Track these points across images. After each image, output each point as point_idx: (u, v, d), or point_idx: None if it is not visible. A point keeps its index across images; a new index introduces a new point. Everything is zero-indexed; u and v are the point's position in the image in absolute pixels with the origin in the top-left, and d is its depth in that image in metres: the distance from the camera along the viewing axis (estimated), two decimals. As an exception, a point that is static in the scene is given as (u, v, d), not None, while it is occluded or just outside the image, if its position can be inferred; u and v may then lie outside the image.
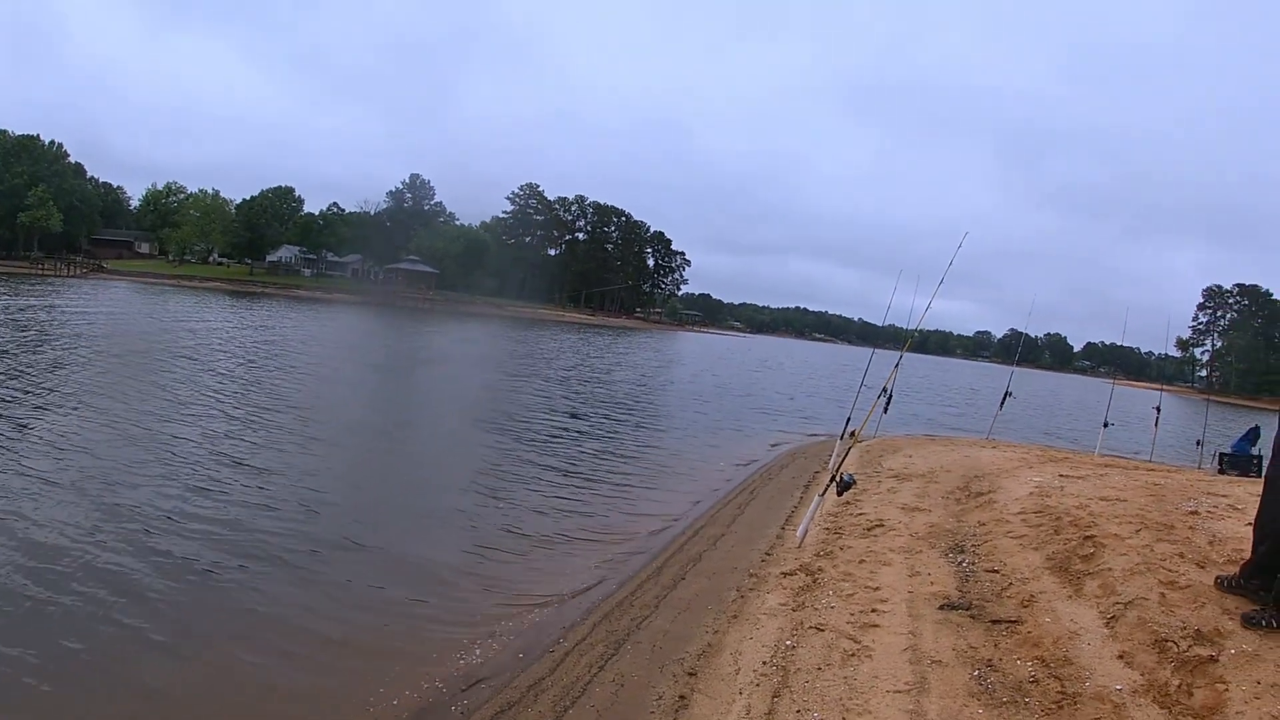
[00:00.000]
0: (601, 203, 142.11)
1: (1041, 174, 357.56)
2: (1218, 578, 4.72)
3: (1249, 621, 4.15)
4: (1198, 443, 17.57)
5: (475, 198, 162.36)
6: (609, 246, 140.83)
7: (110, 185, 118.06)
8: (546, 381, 27.73)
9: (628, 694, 4.88)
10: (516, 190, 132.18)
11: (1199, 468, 15.17)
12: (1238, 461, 13.99)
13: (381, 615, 6.61)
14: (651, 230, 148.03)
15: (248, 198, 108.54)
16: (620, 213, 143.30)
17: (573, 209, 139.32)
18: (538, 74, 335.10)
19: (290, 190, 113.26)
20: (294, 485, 10.11)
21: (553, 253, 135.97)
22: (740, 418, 23.36)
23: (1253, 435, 14.97)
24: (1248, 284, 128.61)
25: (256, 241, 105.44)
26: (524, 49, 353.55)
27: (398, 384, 22.98)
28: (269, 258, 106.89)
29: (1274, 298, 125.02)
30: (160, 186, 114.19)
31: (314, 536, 8.33)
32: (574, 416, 19.28)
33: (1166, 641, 4.14)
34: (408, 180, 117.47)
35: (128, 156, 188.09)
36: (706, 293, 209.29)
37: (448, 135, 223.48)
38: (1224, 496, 7.70)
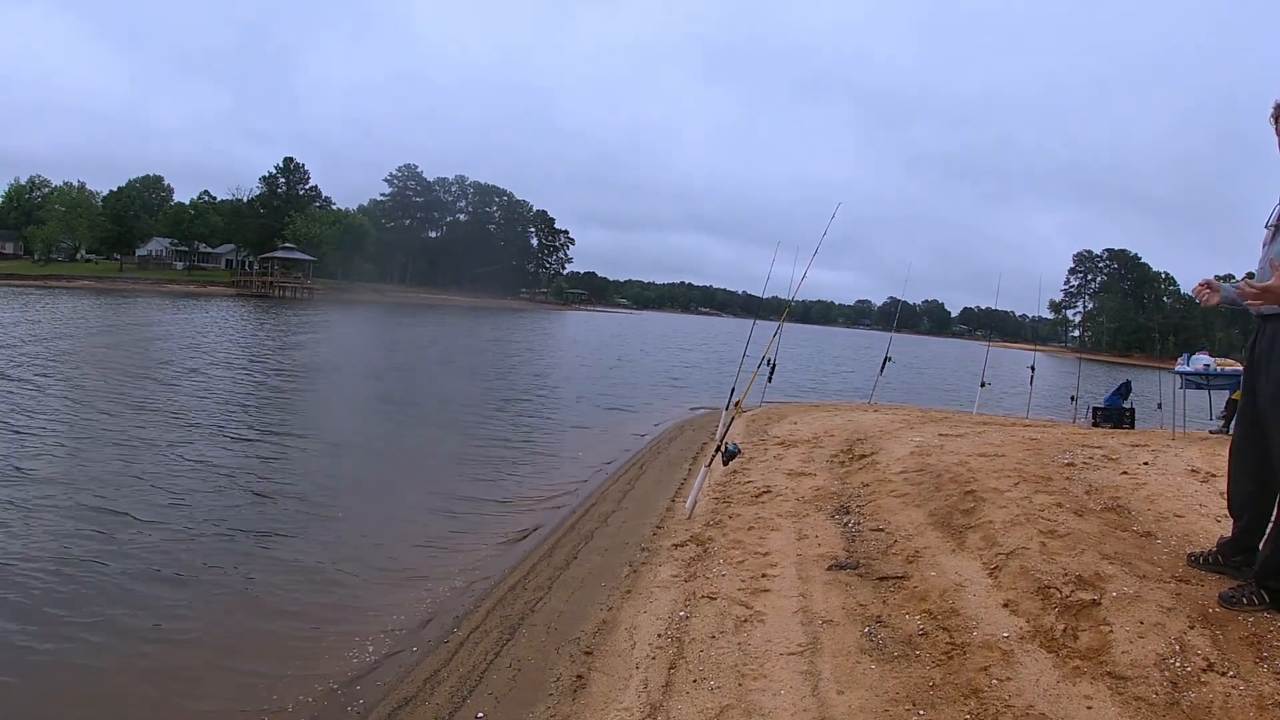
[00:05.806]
0: (482, 182, 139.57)
1: (907, 138, 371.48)
2: (1190, 555, 4.49)
3: (1227, 601, 3.89)
4: (1072, 398, 18.42)
5: (352, 181, 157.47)
6: (491, 227, 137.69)
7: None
8: (427, 370, 27.24)
9: (525, 678, 4.77)
10: (394, 172, 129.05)
11: (1074, 422, 15.83)
12: (1110, 415, 14.65)
13: (270, 617, 6.31)
14: (534, 209, 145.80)
15: (114, 189, 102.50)
16: (502, 192, 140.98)
17: (453, 189, 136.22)
18: (386, 38, 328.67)
19: (159, 179, 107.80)
20: (167, 490, 9.67)
21: (434, 235, 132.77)
22: (626, 395, 23.33)
23: (1124, 389, 15.72)
24: (1116, 248, 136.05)
25: (125, 235, 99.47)
26: (369, 14, 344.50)
27: (280, 384, 22.12)
28: (139, 252, 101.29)
29: (1141, 261, 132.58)
30: (24, 181, 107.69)
31: (193, 532, 7.98)
32: (459, 404, 18.80)
33: (1049, 588, 4.23)
34: (281, 165, 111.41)
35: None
36: (592, 271, 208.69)
37: (303, 111, 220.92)
38: (1098, 448, 8.04)
